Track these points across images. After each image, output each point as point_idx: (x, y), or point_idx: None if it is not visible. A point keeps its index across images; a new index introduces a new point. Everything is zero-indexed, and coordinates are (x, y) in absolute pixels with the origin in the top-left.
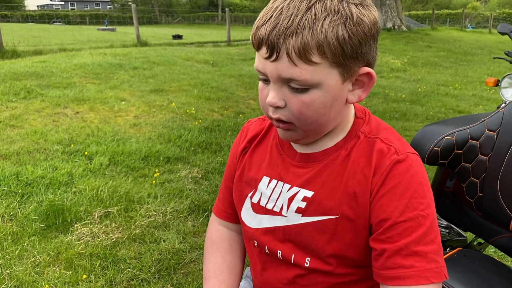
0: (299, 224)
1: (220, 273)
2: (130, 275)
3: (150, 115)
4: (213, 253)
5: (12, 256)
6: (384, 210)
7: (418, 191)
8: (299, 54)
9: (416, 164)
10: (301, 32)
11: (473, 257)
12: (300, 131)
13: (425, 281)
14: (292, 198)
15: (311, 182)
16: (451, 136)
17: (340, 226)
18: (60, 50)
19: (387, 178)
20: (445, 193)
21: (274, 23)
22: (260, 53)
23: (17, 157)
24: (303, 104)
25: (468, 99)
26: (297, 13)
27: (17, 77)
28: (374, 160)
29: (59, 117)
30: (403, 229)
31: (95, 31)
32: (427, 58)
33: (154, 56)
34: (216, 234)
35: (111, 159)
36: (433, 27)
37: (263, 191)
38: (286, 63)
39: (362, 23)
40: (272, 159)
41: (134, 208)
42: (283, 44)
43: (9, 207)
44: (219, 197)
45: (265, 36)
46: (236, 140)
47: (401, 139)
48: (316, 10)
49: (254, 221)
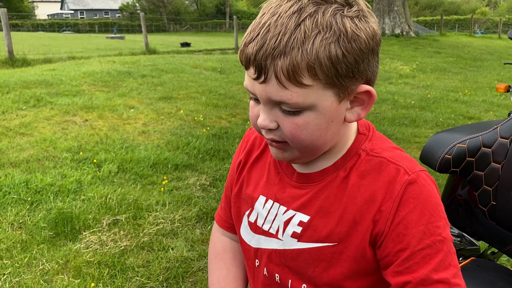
0: (294, 249)
1: (225, 285)
2: (138, 284)
3: (159, 123)
4: (217, 265)
5: (21, 264)
6: (401, 240)
7: (434, 214)
8: (288, 76)
9: (428, 183)
10: (289, 52)
11: (487, 267)
12: (295, 151)
13: None
14: (288, 221)
15: (307, 206)
16: (462, 143)
17: (337, 254)
18: (69, 58)
19: (401, 204)
20: (457, 201)
21: (261, 42)
22: (248, 73)
23: (27, 165)
24: (296, 126)
25: (478, 105)
26: (285, 31)
27: (27, 85)
28: (382, 184)
29: (68, 125)
30: (421, 257)
31: (104, 39)
32: (436, 64)
33: (162, 63)
34: (219, 244)
35: (119, 167)
36: (441, 33)
37: (260, 211)
38: (275, 86)
39: (358, 38)
40: (270, 177)
41: (142, 215)
42: (271, 65)
43: (19, 215)
44: (221, 206)
45: (252, 56)
46: (238, 148)
47: (408, 157)
48: (306, 28)
49: (253, 241)
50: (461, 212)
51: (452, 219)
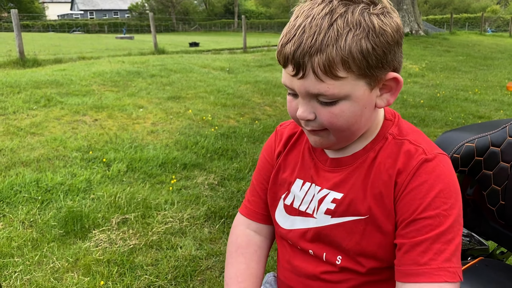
0: (328, 225)
1: (242, 281)
2: (147, 282)
3: (167, 122)
4: (237, 258)
5: (31, 262)
6: (407, 208)
7: (444, 191)
8: (325, 71)
9: (444, 165)
10: (325, 49)
11: (496, 267)
12: (333, 137)
13: (438, 279)
14: (322, 199)
15: (340, 185)
16: (471, 142)
17: (369, 227)
18: (79, 58)
19: (414, 177)
20: (466, 201)
21: (298, 42)
22: (287, 71)
23: (37, 164)
24: (333, 115)
25: (488, 104)
26: (320, 31)
27: (37, 86)
28: (401, 160)
29: (78, 125)
30: (422, 226)
31: (114, 39)
32: (446, 62)
33: (171, 63)
34: (243, 238)
35: (128, 166)
36: (451, 32)
37: (296, 193)
38: (313, 80)
39: (384, 33)
40: (305, 162)
41: (151, 214)
42: (308, 62)
43: (29, 214)
44: (249, 198)
45: (290, 55)
46: (269, 142)
47: (430, 142)
48: (338, 26)
49: (287, 223)
50: (470, 212)
51: None
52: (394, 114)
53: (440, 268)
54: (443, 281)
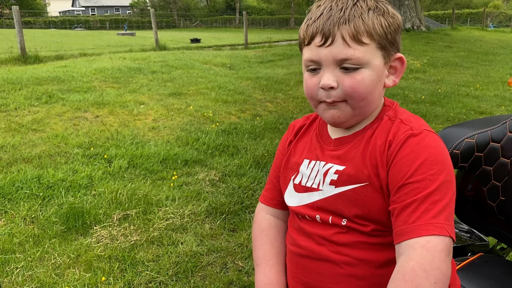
0: (333, 195)
1: (269, 259)
2: (148, 278)
3: (169, 119)
4: (262, 240)
5: (33, 258)
6: (396, 176)
7: (429, 159)
8: (353, 36)
9: (430, 138)
10: (352, 19)
11: (496, 263)
12: (349, 110)
13: (425, 233)
14: (326, 172)
15: (342, 158)
16: (471, 138)
17: (369, 193)
18: (81, 55)
19: (401, 148)
20: (466, 197)
21: (326, 17)
22: (314, 43)
23: (39, 161)
24: (356, 81)
25: (489, 100)
26: (346, 7)
27: (39, 82)
28: (391, 134)
29: (79, 121)
30: (410, 189)
31: (115, 35)
32: (447, 58)
33: (172, 60)
34: (265, 222)
35: (130, 162)
36: (453, 27)
37: (304, 172)
38: (341, 46)
39: (395, 16)
40: (312, 146)
41: (152, 210)
42: (337, 31)
43: (31, 210)
44: (267, 187)
45: (320, 26)
46: (284, 136)
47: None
48: (361, 5)
49: (295, 200)
50: (470, 208)
51: (460, 214)
52: (392, 102)
53: (427, 223)
54: (430, 234)
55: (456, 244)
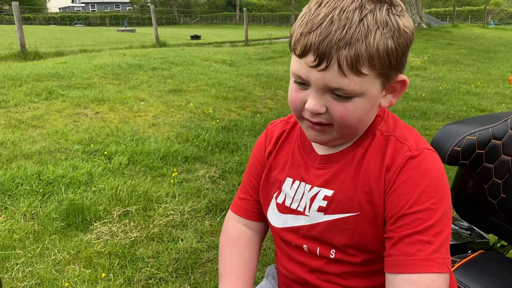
0: (321, 222)
1: (236, 269)
2: (148, 274)
3: (169, 115)
4: (229, 250)
5: (33, 254)
6: (396, 204)
7: (431, 185)
8: (351, 66)
9: (430, 159)
10: (354, 43)
11: (496, 260)
12: (335, 134)
13: (426, 270)
14: (314, 197)
15: (330, 182)
16: (472, 135)
17: (361, 222)
18: (81, 51)
19: (400, 173)
20: (466, 195)
21: (325, 33)
22: (305, 60)
23: (39, 157)
24: (347, 110)
25: (490, 97)
26: (350, 25)
27: (39, 78)
28: (388, 158)
29: (79, 117)
30: (411, 220)
31: (115, 32)
32: (448, 56)
33: (172, 56)
34: (234, 231)
35: (130, 159)
36: (454, 24)
37: (287, 192)
38: (336, 74)
39: (406, 34)
40: (294, 161)
41: (152, 207)
42: (335, 54)
43: (31, 206)
44: (240, 196)
45: (314, 44)
46: (260, 141)
47: (417, 137)
48: (368, 22)
49: (280, 221)
50: (470, 206)
51: (461, 212)
52: (383, 110)
53: (428, 259)
54: (431, 272)
55: (457, 242)
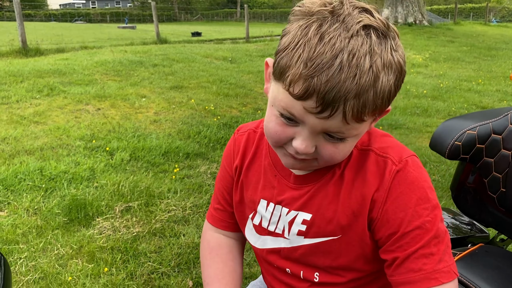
0: (302, 245)
1: (222, 278)
2: (151, 269)
3: (170, 112)
4: (212, 259)
5: (36, 248)
6: (391, 224)
7: (421, 197)
8: (357, 115)
9: (414, 169)
10: (364, 93)
11: (495, 253)
12: (317, 164)
13: (435, 283)
14: (292, 221)
15: (307, 205)
16: (472, 130)
17: (343, 244)
18: (82, 48)
19: (390, 191)
20: (466, 189)
21: (334, 81)
22: (304, 104)
23: (41, 153)
24: (337, 150)
25: (491, 94)
26: (361, 74)
27: (40, 75)
28: (372, 177)
29: (81, 114)
30: (411, 237)
31: (116, 29)
32: (449, 53)
33: (173, 53)
34: (215, 241)
35: (132, 155)
36: (455, 22)
37: (263, 214)
38: (338, 122)
39: (403, 72)
40: (267, 180)
41: (154, 202)
42: (341, 104)
43: (34, 201)
44: (215, 207)
45: (320, 92)
46: (228, 151)
47: (395, 145)
48: (377, 69)
49: (259, 242)
50: (470, 200)
51: (461, 206)
52: None
53: (435, 270)
54: (440, 283)
55: (457, 236)
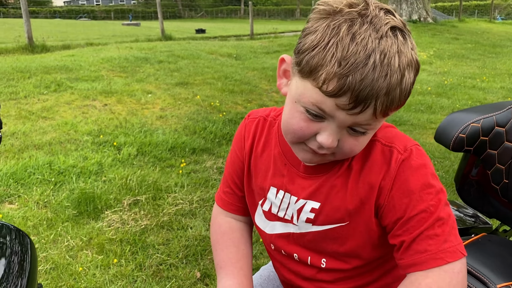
0: (311, 232)
1: (236, 261)
2: (159, 260)
3: (176, 108)
4: (225, 243)
5: (47, 240)
6: (397, 210)
7: (425, 183)
8: (385, 110)
9: (419, 157)
10: (393, 90)
11: (498, 242)
12: (332, 158)
13: (441, 262)
14: (301, 209)
15: (316, 194)
16: (476, 123)
17: (351, 231)
18: (87, 44)
19: (396, 178)
20: (470, 182)
21: (368, 80)
22: (336, 101)
23: (50, 147)
24: (357, 143)
25: (496, 91)
26: (392, 73)
27: (47, 71)
28: (379, 166)
29: (88, 109)
30: (416, 221)
31: (120, 26)
32: (454, 50)
33: (178, 50)
34: (226, 225)
35: (139, 150)
36: (460, 19)
37: (273, 201)
38: (368, 117)
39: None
40: (277, 169)
41: (161, 196)
42: (373, 101)
43: (43, 194)
44: (224, 190)
45: (355, 90)
46: (239, 135)
47: (400, 135)
48: (403, 67)
49: (268, 227)
50: (474, 192)
51: (465, 198)
52: None
53: (440, 251)
54: (446, 263)
55: (461, 227)
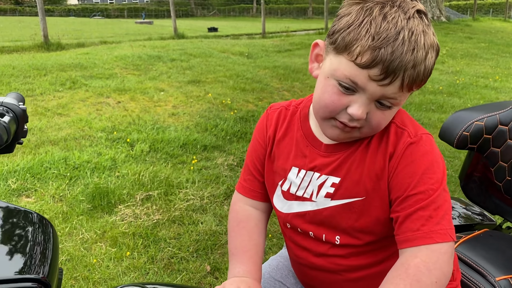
0: (328, 207)
1: (247, 250)
2: (170, 254)
3: (188, 105)
4: (239, 232)
5: (62, 233)
6: (399, 187)
7: (429, 167)
8: (410, 85)
9: (427, 144)
10: (419, 64)
11: (499, 237)
12: (358, 134)
13: (430, 241)
14: (322, 185)
15: (337, 170)
16: (480, 121)
17: (366, 206)
18: (101, 42)
19: (401, 159)
20: (474, 179)
21: (398, 53)
22: (368, 72)
23: (65, 143)
24: (384, 117)
25: (509, 91)
26: (418, 48)
27: (62, 68)
28: (390, 144)
29: (102, 106)
30: (414, 200)
31: (133, 24)
32: (467, 49)
33: (191, 48)
34: (243, 213)
35: (151, 146)
36: (474, 18)
37: (293, 180)
38: (396, 89)
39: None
40: (299, 150)
41: (173, 192)
42: (401, 73)
43: (59, 189)
44: (245, 177)
45: (386, 61)
46: (261, 124)
47: (414, 122)
48: (427, 46)
49: (285, 207)
50: (477, 189)
51: (469, 195)
52: None
53: (431, 231)
54: (435, 242)
55: (465, 223)
